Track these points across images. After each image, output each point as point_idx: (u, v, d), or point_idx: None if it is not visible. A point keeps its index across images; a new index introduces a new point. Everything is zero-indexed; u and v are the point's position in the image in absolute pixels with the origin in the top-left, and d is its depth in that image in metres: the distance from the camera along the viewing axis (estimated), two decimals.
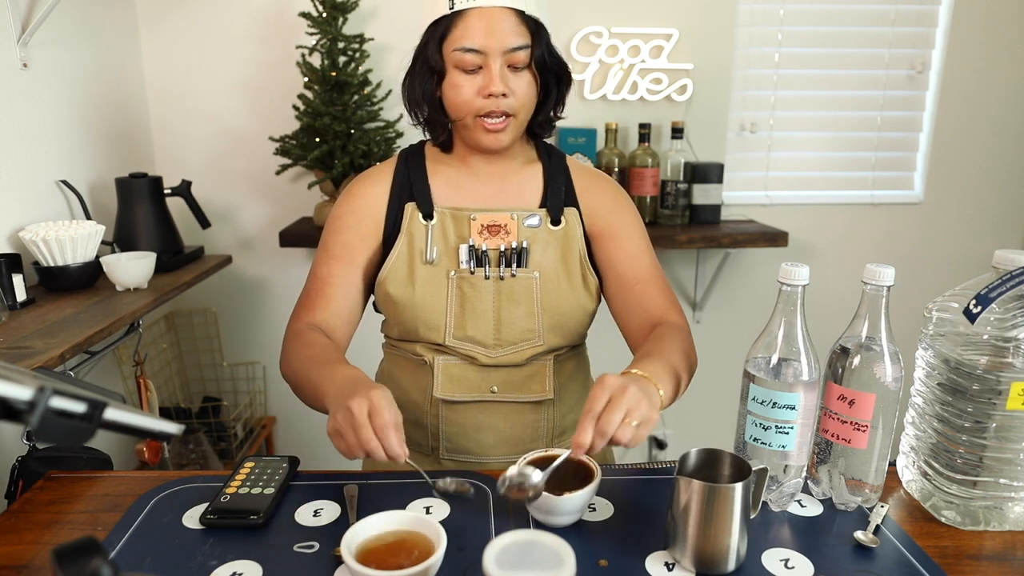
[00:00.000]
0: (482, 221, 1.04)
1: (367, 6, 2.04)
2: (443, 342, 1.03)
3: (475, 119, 0.98)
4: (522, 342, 1.04)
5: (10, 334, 1.22)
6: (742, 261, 2.33)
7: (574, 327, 1.07)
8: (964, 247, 2.37)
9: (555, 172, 1.08)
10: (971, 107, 2.26)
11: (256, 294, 2.26)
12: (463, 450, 1.07)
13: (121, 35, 1.96)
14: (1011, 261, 0.78)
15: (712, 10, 2.13)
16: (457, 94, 0.97)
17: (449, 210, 1.04)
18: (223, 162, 2.14)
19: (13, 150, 1.50)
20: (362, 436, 0.75)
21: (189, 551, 0.76)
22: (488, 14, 0.94)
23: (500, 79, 0.95)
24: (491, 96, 0.95)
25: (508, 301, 1.02)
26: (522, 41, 0.95)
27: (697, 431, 2.44)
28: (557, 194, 1.07)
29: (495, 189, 1.07)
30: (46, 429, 0.47)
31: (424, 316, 1.02)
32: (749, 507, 0.72)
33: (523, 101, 0.98)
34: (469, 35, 0.94)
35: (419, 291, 1.02)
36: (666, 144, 2.18)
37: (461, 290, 1.02)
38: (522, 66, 0.97)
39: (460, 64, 0.96)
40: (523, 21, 0.96)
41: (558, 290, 1.04)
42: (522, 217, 1.04)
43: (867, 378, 0.80)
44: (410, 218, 1.04)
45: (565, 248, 1.05)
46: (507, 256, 1.03)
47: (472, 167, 1.07)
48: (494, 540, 0.60)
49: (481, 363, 1.03)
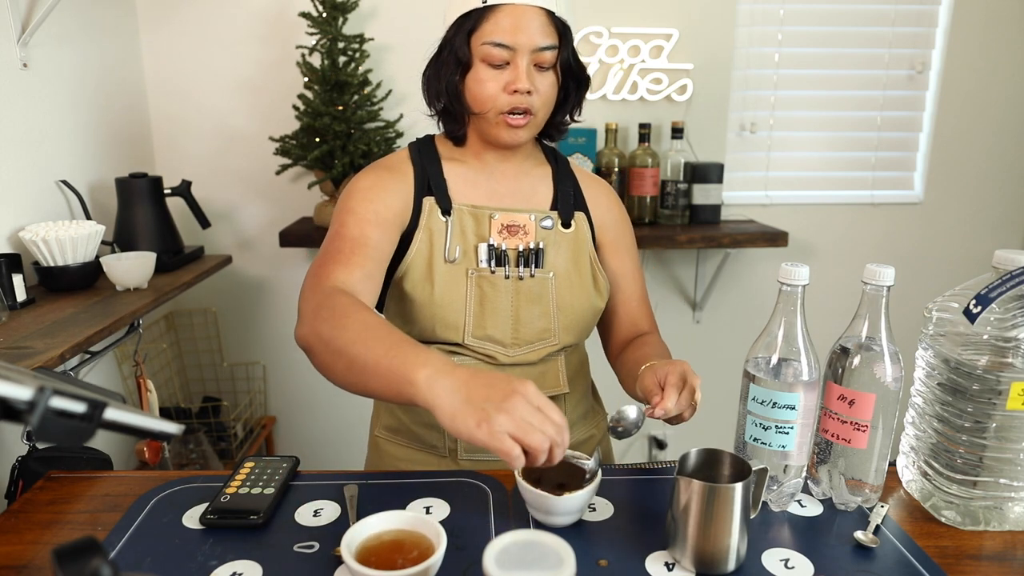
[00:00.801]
0: (502, 220, 1.04)
1: (367, 6, 2.04)
2: (462, 341, 1.02)
3: (498, 115, 0.98)
4: (538, 341, 1.05)
5: (10, 334, 1.22)
6: (742, 261, 2.33)
7: (585, 326, 1.09)
8: (964, 247, 2.37)
9: (563, 176, 1.11)
10: (971, 107, 2.26)
11: (256, 294, 2.26)
12: (481, 450, 1.07)
13: (121, 35, 1.96)
14: (1011, 261, 0.78)
15: (712, 10, 2.13)
16: (482, 88, 0.97)
17: (468, 208, 1.04)
18: (223, 162, 2.14)
19: (13, 150, 1.50)
20: (548, 432, 0.66)
21: (189, 551, 0.76)
22: (519, 11, 0.94)
23: (527, 76, 0.95)
24: (516, 92, 0.96)
25: (527, 301, 1.03)
26: (550, 41, 0.96)
27: (697, 431, 2.43)
28: (567, 197, 1.08)
29: (510, 189, 1.07)
30: (46, 429, 0.47)
31: (443, 315, 1.01)
32: (749, 507, 0.72)
33: (545, 100, 0.99)
34: (500, 30, 0.94)
35: (438, 289, 1.00)
36: (666, 144, 2.18)
37: (481, 289, 1.02)
38: (547, 66, 0.98)
39: (488, 58, 0.96)
40: (552, 22, 0.96)
41: (571, 291, 1.05)
42: (539, 218, 1.06)
43: (867, 378, 0.80)
44: (429, 214, 1.02)
45: (576, 250, 1.07)
46: (525, 256, 1.04)
47: (486, 164, 1.07)
48: (494, 540, 0.60)
49: (499, 362, 1.04)
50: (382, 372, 0.72)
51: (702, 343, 2.40)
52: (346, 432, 2.38)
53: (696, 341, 2.40)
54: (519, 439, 0.65)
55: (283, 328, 2.30)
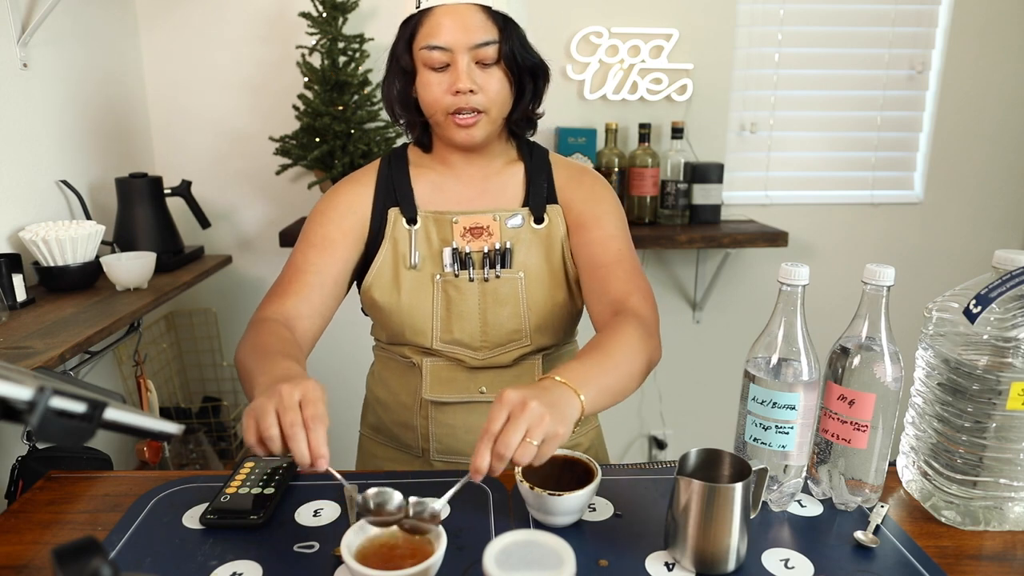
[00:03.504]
0: (464, 223, 1.03)
1: (367, 6, 2.04)
2: (430, 346, 1.03)
3: (446, 116, 0.97)
4: (509, 343, 1.04)
5: (10, 334, 1.22)
6: (742, 261, 2.33)
7: (560, 325, 1.06)
8: (964, 247, 2.37)
9: (537, 170, 1.07)
10: (971, 107, 2.26)
11: (256, 294, 2.26)
12: (453, 451, 1.07)
13: (121, 35, 1.96)
14: (1011, 261, 0.78)
15: (712, 10, 2.13)
16: (427, 92, 0.97)
17: (432, 214, 1.04)
18: (223, 162, 2.14)
19: (13, 150, 1.50)
20: (286, 420, 0.68)
21: (189, 551, 0.76)
22: (453, 11, 0.93)
23: (467, 76, 0.94)
24: (459, 93, 0.94)
25: (494, 303, 1.02)
26: (488, 37, 0.94)
27: (697, 431, 2.44)
28: (539, 192, 1.06)
29: (477, 190, 1.06)
30: (46, 429, 0.47)
31: (410, 321, 1.02)
32: (749, 507, 0.72)
33: (493, 98, 0.97)
34: (435, 32, 0.93)
35: (405, 296, 1.02)
36: (666, 144, 2.18)
37: (446, 293, 1.02)
38: (491, 62, 0.95)
39: (428, 62, 0.95)
40: (490, 17, 0.94)
41: (543, 289, 1.04)
42: (504, 217, 1.04)
43: (867, 378, 0.80)
44: (394, 223, 1.03)
45: (548, 247, 1.04)
46: (491, 257, 1.02)
47: (454, 168, 1.06)
48: (494, 540, 0.60)
49: (469, 365, 1.04)
50: (250, 383, 0.82)
51: (702, 343, 2.40)
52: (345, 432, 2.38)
53: (696, 341, 2.40)
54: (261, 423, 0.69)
55: None
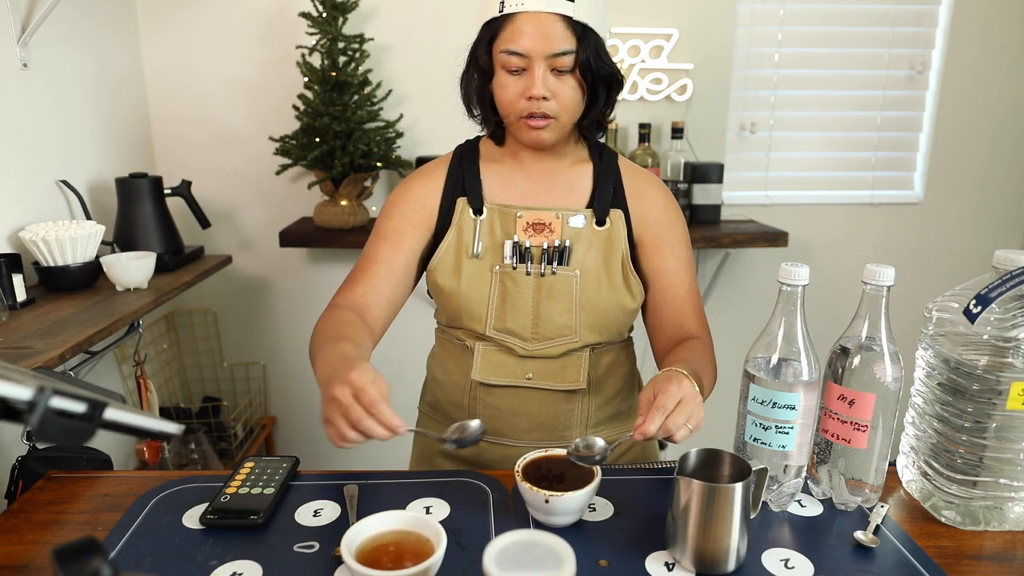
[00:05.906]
0: (527, 219, 1.07)
1: (367, 6, 2.04)
2: (484, 332, 1.06)
3: (518, 119, 1.01)
4: (558, 337, 1.06)
5: (10, 334, 1.22)
6: (742, 261, 2.33)
7: (613, 325, 1.09)
8: (964, 247, 2.37)
9: (605, 173, 1.11)
10: (971, 107, 2.26)
11: (256, 294, 2.26)
12: (498, 433, 1.10)
13: (121, 35, 1.96)
14: (1011, 261, 0.78)
15: (712, 10, 2.13)
16: (503, 94, 1.00)
17: (498, 206, 1.08)
18: (223, 162, 2.14)
19: (13, 150, 1.50)
20: (352, 417, 0.74)
21: (189, 551, 0.76)
22: (535, 19, 0.96)
23: (542, 83, 0.97)
24: (532, 99, 0.98)
25: (547, 297, 1.05)
26: (566, 46, 0.97)
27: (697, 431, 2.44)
28: (605, 195, 1.09)
29: (544, 187, 1.10)
30: (46, 429, 0.47)
31: (467, 306, 1.06)
32: (749, 507, 0.72)
33: (565, 105, 1.00)
34: (515, 38, 0.96)
35: (464, 283, 1.06)
36: (666, 144, 2.18)
37: (503, 284, 1.06)
38: (566, 70, 0.98)
39: (506, 65, 0.98)
40: (570, 26, 0.97)
41: (598, 289, 1.06)
42: (567, 216, 1.07)
43: (867, 378, 0.80)
44: (461, 213, 1.08)
45: (608, 249, 1.07)
46: (550, 254, 1.06)
47: (523, 163, 1.10)
48: (494, 540, 0.60)
49: (518, 354, 1.07)
50: (316, 372, 0.88)
51: None
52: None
53: None
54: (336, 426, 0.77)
55: (283, 328, 2.30)
